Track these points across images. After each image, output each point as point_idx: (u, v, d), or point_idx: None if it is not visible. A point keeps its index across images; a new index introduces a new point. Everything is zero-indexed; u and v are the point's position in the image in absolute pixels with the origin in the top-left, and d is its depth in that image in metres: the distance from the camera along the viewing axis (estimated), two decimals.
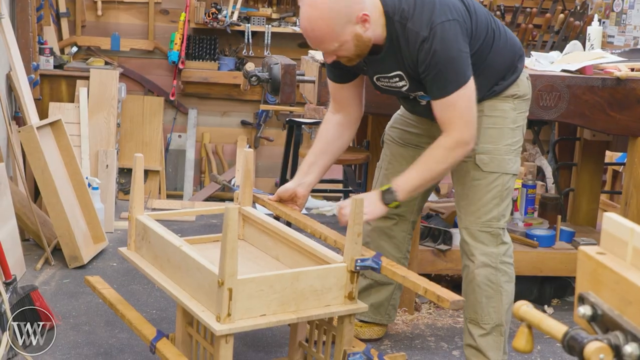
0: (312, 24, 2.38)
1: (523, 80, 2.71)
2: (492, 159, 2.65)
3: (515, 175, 2.72)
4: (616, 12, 5.37)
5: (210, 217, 4.95)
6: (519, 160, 2.73)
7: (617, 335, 1.14)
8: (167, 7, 5.59)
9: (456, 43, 2.41)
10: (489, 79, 2.63)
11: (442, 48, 2.38)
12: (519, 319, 1.29)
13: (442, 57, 2.39)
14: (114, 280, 3.72)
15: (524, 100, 2.72)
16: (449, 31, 2.39)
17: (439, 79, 2.43)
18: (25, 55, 4.34)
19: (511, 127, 2.68)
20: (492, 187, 2.67)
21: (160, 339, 2.46)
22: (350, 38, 2.40)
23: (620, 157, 4.97)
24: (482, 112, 2.64)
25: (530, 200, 3.98)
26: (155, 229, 2.52)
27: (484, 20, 2.57)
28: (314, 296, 2.24)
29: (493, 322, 2.72)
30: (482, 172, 2.65)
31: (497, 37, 2.62)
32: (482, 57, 2.57)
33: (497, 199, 2.67)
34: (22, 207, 3.92)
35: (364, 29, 2.40)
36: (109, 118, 4.73)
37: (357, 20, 2.38)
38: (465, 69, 2.43)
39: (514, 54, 2.68)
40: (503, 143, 2.66)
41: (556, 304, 3.69)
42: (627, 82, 3.31)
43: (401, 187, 2.53)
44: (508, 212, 2.73)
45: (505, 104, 2.67)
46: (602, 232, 1.28)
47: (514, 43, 2.70)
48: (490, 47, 2.59)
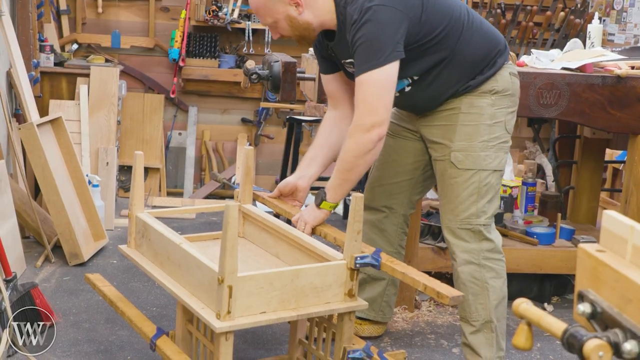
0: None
1: (503, 76, 2.68)
2: (466, 156, 2.65)
3: (497, 171, 2.69)
4: (617, 10, 5.36)
5: (210, 214, 4.95)
6: (501, 155, 2.70)
7: (616, 332, 1.14)
8: (167, 4, 5.58)
9: (380, 27, 2.41)
10: (461, 72, 2.62)
11: (364, 28, 2.42)
12: (518, 317, 1.29)
13: (363, 36, 2.42)
14: (114, 277, 3.72)
15: (504, 95, 2.68)
16: (376, 14, 2.41)
17: (357, 57, 2.46)
18: (25, 52, 4.34)
19: (488, 124, 2.66)
20: (468, 184, 2.67)
21: (160, 336, 2.46)
22: (283, 17, 2.53)
23: (621, 155, 4.97)
24: (459, 109, 2.65)
25: (530, 198, 3.98)
26: (156, 226, 2.52)
27: (444, 12, 2.56)
28: (313, 293, 2.24)
29: (482, 319, 2.72)
30: (458, 170, 2.66)
31: (466, 30, 2.60)
32: (445, 48, 2.57)
33: (475, 196, 2.67)
34: (23, 204, 3.92)
35: (297, 12, 2.52)
36: (109, 115, 4.73)
37: (290, 2, 2.51)
38: (383, 54, 2.41)
39: (491, 48, 2.66)
40: (478, 140, 2.65)
41: (556, 301, 3.69)
42: (627, 80, 3.31)
43: (327, 186, 2.57)
44: (490, 208, 2.71)
45: (482, 100, 2.66)
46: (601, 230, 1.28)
47: (492, 37, 2.68)
48: (456, 39, 2.58)
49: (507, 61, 2.71)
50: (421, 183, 2.93)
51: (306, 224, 2.57)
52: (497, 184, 2.72)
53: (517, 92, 2.74)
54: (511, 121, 2.73)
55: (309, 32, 2.58)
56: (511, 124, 2.73)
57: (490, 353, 2.73)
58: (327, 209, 2.58)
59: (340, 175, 2.54)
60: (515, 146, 5.87)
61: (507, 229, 3.72)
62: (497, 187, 2.72)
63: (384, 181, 2.92)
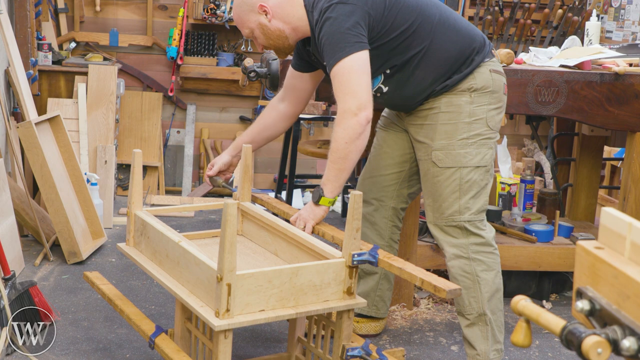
0: (234, 7, 2.68)
1: (482, 73, 2.69)
2: (446, 154, 2.68)
3: (479, 167, 2.71)
4: (614, 7, 5.36)
5: (209, 212, 4.95)
6: (484, 151, 2.71)
7: (615, 329, 1.14)
8: (165, 2, 5.58)
9: (338, 21, 2.47)
10: (436, 70, 2.64)
11: (325, 25, 2.49)
12: (517, 314, 1.29)
13: (325, 32, 2.49)
14: (112, 275, 3.72)
15: (484, 92, 2.69)
16: (334, 10, 2.48)
17: (325, 54, 2.52)
18: (23, 51, 4.34)
19: (466, 121, 2.68)
20: (450, 181, 2.69)
21: (159, 334, 2.46)
22: (256, 26, 2.62)
23: (619, 152, 4.98)
24: (439, 108, 2.68)
25: (528, 195, 3.99)
26: (154, 224, 2.52)
27: (412, 9, 2.59)
28: (312, 291, 2.24)
29: (475, 312, 2.74)
30: (439, 169, 2.69)
31: (438, 27, 2.62)
32: (415, 45, 2.60)
33: (457, 193, 2.70)
34: (21, 202, 3.92)
35: (267, 20, 2.60)
36: (107, 114, 4.73)
37: (259, 11, 2.60)
38: (346, 44, 2.46)
39: (466, 46, 2.67)
40: (457, 138, 2.68)
41: (554, 299, 3.70)
42: (625, 77, 3.32)
43: (323, 181, 2.58)
44: (476, 204, 2.72)
45: (460, 98, 2.68)
46: (600, 227, 1.28)
47: (467, 35, 2.69)
48: (427, 36, 2.61)
49: (487, 58, 2.71)
50: (410, 177, 2.95)
51: (306, 222, 2.58)
52: (482, 179, 2.72)
53: (499, 88, 2.74)
54: (494, 117, 2.74)
55: (282, 40, 2.64)
56: (495, 120, 2.75)
57: (485, 346, 2.75)
58: (326, 204, 2.59)
59: (334, 166, 2.54)
60: (513, 143, 5.89)
61: (506, 227, 3.73)
62: (482, 183, 2.73)
63: (374, 173, 2.96)
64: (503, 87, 2.76)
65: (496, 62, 2.76)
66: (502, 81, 2.76)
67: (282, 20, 2.60)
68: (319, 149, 4.60)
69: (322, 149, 4.55)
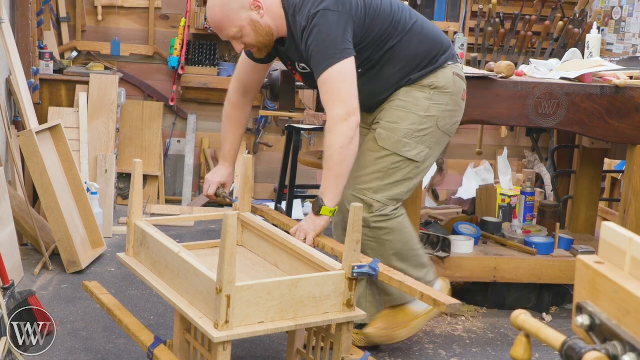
0: (211, 12, 2.66)
1: (445, 74, 2.83)
2: (389, 136, 2.78)
3: (412, 160, 2.80)
4: (615, 20, 5.37)
5: (209, 222, 4.95)
6: (421, 148, 2.81)
7: (615, 345, 1.14)
8: (167, 12, 5.59)
9: (327, 28, 2.55)
10: (402, 68, 2.77)
11: (314, 33, 2.56)
12: (517, 328, 1.29)
13: (313, 41, 2.56)
14: (112, 285, 3.72)
15: (443, 92, 2.82)
16: (322, 18, 2.55)
17: (314, 59, 2.59)
18: (25, 59, 4.34)
19: (420, 114, 2.79)
20: (379, 161, 2.79)
21: (157, 345, 2.45)
22: (247, 23, 2.63)
23: (619, 164, 4.98)
24: (397, 96, 2.81)
25: (529, 207, 3.99)
26: (154, 234, 2.52)
27: (387, 15, 2.72)
28: (312, 303, 2.24)
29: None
30: (376, 145, 2.78)
31: (407, 31, 2.76)
32: (386, 47, 2.73)
33: (381, 174, 2.80)
34: (21, 211, 3.92)
35: (260, 16, 2.64)
36: (108, 123, 4.73)
37: (251, 7, 2.62)
38: (334, 52, 2.55)
39: (432, 47, 2.81)
40: (405, 125, 2.78)
41: (555, 311, 3.69)
42: (625, 90, 3.32)
43: (322, 191, 2.63)
44: (392, 190, 2.81)
45: (420, 92, 2.80)
46: (600, 242, 1.28)
47: (433, 38, 2.83)
48: (397, 39, 2.74)
49: (451, 61, 2.86)
50: None
51: (307, 234, 2.58)
52: (409, 172, 2.82)
53: (459, 92, 2.86)
54: (447, 119, 2.85)
55: (270, 37, 2.70)
56: (445, 122, 2.85)
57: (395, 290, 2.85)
58: (327, 214, 2.62)
59: (332, 173, 2.59)
60: (514, 155, 5.89)
61: (506, 239, 3.72)
62: (407, 175, 2.83)
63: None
64: (462, 93, 2.89)
65: (460, 67, 2.91)
66: (463, 87, 2.89)
67: (271, 16, 2.66)
68: (319, 159, 4.60)
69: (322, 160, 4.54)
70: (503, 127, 5.74)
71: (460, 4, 5.73)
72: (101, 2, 5.43)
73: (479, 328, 3.46)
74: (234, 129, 2.99)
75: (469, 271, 3.50)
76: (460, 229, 3.70)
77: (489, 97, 3.28)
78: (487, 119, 3.35)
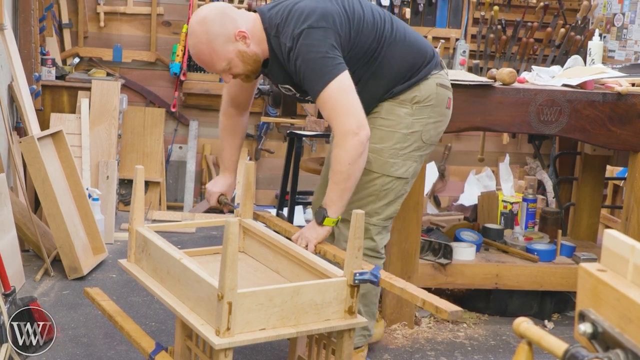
0: (196, 51, 2.59)
1: (428, 85, 2.78)
2: (375, 159, 2.75)
3: (402, 178, 2.80)
4: (617, 27, 5.38)
5: (210, 228, 4.95)
6: (409, 164, 2.80)
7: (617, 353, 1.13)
8: (169, 18, 5.60)
9: (315, 47, 2.50)
10: (387, 82, 2.73)
11: (302, 53, 2.51)
12: (519, 336, 1.29)
13: (304, 60, 2.52)
14: (113, 292, 3.71)
15: (426, 106, 2.78)
16: (308, 37, 2.51)
17: (309, 80, 2.54)
18: (27, 66, 4.35)
19: (403, 132, 2.77)
20: (369, 185, 2.77)
21: (159, 351, 2.45)
22: (235, 55, 2.58)
23: (621, 171, 4.97)
24: (379, 113, 2.77)
25: (530, 214, 3.98)
26: (155, 241, 2.51)
27: (371, 27, 2.67)
28: (313, 310, 2.23)
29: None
30: (364, 169, 2.71)
31: (391, 42, 2.71)
32: (372, 59, 2.69)
33: (373, 197, 2.79)
34: (22, 217, 3.92)
35: (246, 45, 2.59)
36: (110, 129, 4.74)
37: (236, 38, 2.57)
38: (329, 68, 2.50)
39: (417, 58, 2.76)
40: (390, 145, 2.76)
41: (556, 318, 3.68)
42: (627, 97, 3.32)
43: (326, 202, 2.62)
44: (386, 211, 2.81)
45: (402, 109, 2.77)
46: (602, 249, 1.27)
47: (417, 48, 2.78)
48: (382, 51, 2.69)
49: (435, 70, 2.80)
50: None
51: (308, 242, 2.58)
52: (400, 189, 2.83)
53: (442, 102, 2.82)
54: (430, 132, 2.82)
55: (257, 64, 2.66)
56: (430, 134, 2.82)
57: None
58: (330, 225, 2.62)
59: (338, 187, 2.57)
60: (515, 162, 5.89)
61: (508, 246, 3.72)
62: (399, 193, 2.83)
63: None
64: (447, 101, 2.85)
65: (444, 76, 2.85)
66: (447, 95, 2.85)
67: (255, 43, 2.62)
68: (321, 166, 4.60)
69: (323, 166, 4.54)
70: (505, 134, 5.74)
71: (462, 11, 5.74)
72: (103, 8, 5.44)
73: (480, 335, 3.45)
74: (231, 138, 2.97)
75: (470, 278, 3.50)
76: (461, 236, 3.70)
77: (490, 104, 3.28)
78: (489, 126, 3.35)
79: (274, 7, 2.66)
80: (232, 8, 2.63)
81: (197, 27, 2.56)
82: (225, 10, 2.59)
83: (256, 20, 2.63)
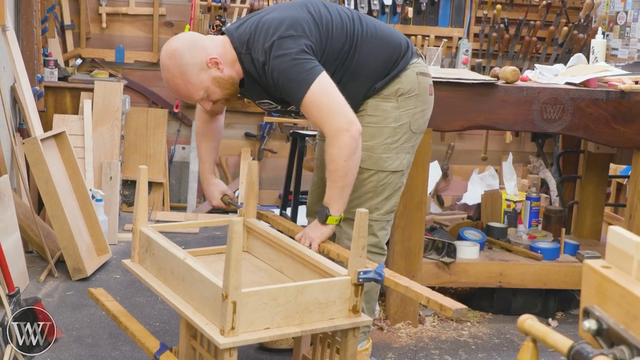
0: (171, 85, 2.60)
1: (409, 76, 2.77)
2: (368, 156, 2.75)
3: (397, 172, 2.80)
4: (620, 25, 5.37)
5: (213, 228, 4.95)
6: (402, 156, 2.81)
7: (622, 349, 1.13)
8: (171, 19, 5.60)
9: (288, 56, 2.50)
10: (366, 78, 2.73)
11: (277, 64, 2.51)
12: (523, 333, 1.29)
13: (280, 71, 2.51)
14: (117, 292, 3.72)
15: (410, 97, 2.78)
16: (280, 47, 2.51)
17: (288, 90, 2.54)
18: (29, 67, 4.35)
19: (392, 126, 2.77)
20: (366, 182, 2.78)
21: (163, 351, 2.45)
22: (210, 83, 2.60)
23: (625, 169, 4.97)
24: (365, 111, 2.77)
25: (534, 212, 3.98)
26: (159, 241, 2.52)
27: (341, 29, 2.67)
28: (318, 309, 2.23)
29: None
30: (360, 168, 2.71)
31: (363, 41, 2.70)
32: (348, 60, 2.69)
33: (371, 194, 2.79)
34: (26, 219, 3.92)
35: (220, 71, 2.60)
36: (112, 130, 4.74)
37: (208, 65, 2.57)
38: (305, 74, 2.50)
39: (392, 52, 2.75)
40: (380, 141, 2.76)
41: (560, 316, 3.68)
42: (631, 95, 3.31)
43: (327, 201, 2.62)
44: (386, 206, 2.82)
45: (387, 103, 2.76)
46: (607, 246, 1.27)
47: (390, 41, 2.77)
48: (354, 50, 2.69)
49: (413, 60, 2.80)
50: None
51: (312, 241, 2.58)
52: (397, 182, 2.83)
53: (425, 91, 2.83)
54: (418, 121, 2.83)
55: (234, 86, 2.68)
56: (418, 123, 2.83)
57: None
58: (333, 223, 2.62)
59: (336, 185, 2.58)
60: (519, 161, 5.88)
61: (511, 244, 3.71)
62: (396, 186, 2.83)
63: (321, 183, 2.97)
64: (429, 89, 2.85)
65: (422, 64, 2.86)
66: (429, 83, 2.85)
67: (229, 66, 2.62)
68: None
69: None
70: (508, 132, 5.74)
71: (465, 10, 5.74)
72: (105, 9, 5.44)
73: (484, 333, 3.45)
74: (209, 141, 2.97)
75: (474, 277, 3.49)
76: (465, 235, 3.70)
77: (493, 102, 3.28)
78: (492, 125, 3.35)
79: (241, 25, 2.66)
80: (200, 36, 2.64)
81: (168, 61, 2.56)
82: (193, 40, 2.60)
83: (225, 42, 2.63)
